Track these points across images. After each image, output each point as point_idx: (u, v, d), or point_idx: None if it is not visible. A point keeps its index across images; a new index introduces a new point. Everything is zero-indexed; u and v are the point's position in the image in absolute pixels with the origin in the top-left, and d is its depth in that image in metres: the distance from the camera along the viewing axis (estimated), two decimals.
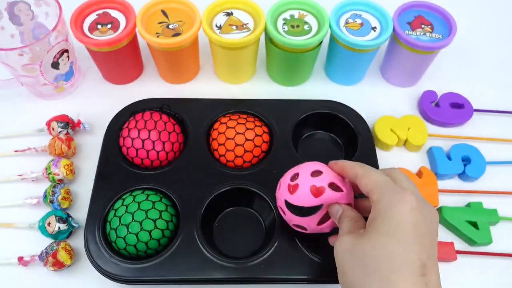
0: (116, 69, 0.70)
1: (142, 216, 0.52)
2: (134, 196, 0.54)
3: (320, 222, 0.49)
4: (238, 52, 0.66)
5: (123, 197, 0.55)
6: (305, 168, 0.50)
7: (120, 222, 0.52)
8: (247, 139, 0.59)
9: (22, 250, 0.57)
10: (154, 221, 0.52)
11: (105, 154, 0.60)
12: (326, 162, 0.61)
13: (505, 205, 0.63)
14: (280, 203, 0.50)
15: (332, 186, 0.48)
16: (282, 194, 0.50)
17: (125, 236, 0.52)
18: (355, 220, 0.45)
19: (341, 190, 0.48)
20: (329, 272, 0.51)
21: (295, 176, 0.49)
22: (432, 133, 0.68)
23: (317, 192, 0.47)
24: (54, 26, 0.61)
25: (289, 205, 0.49)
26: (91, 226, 0.54)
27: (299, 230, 0.51)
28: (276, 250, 0.53)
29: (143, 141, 0.58)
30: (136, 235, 0.51)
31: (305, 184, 0.48)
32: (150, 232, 0.52)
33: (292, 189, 0.49)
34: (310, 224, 0.49)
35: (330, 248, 0.47)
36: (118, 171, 0.58)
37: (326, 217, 0.49)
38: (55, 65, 0.65)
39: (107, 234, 0.53)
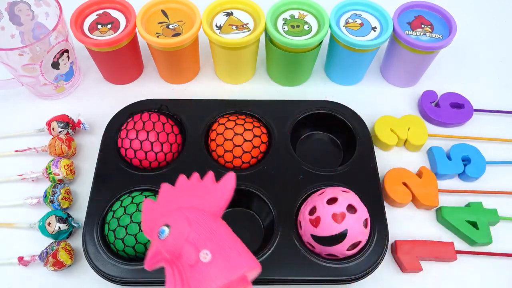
0: (116, 69, 0.70)
1: (140, 217, 0.52)
2: (133, 198, 0.54)
3: (350, 248, 0.51)
4: (238, 52, 0.66)
5: (122, 198, 0.55)
6: (319, 199, 0.52)
7: (118, 223, 0.52)
8: (245, 140, 0.59)
9: (22, 250, 0.58)
10: None
11: (103, 155, 0.60)
12: (325, 163, 0.62)
13: (505, 205, 0.63)
14: (307, 239, 0.53)
15: (350, 208, 0.51)
16: (306, 230, 0.52)
17: (124, 237, 0.52)
18: None
19: (356, 210, 0.51)
20: (328, 272, 0.52)
21: (313, 210, 0.52)
22: (432, 133, 0.68)
23: (339, 218, 0.50)
24: (54, 26, 0.61)
25: (316, 238, 0.52)
26: (90, 228, 0.54)
27: (332, 258, 0.53)
28: (274, 251, 0.53)
29: (141, 142, 0.58)
30: (135, 237, 0.51)
31: (326, 214, 0.50)
32: None
33: (315, 222, 0.51)
34: (341, 251, 0.51)
35: None
36: (116, 172, 0.58)
37: (354, 242, 0.51)
38: (55, 65, 0.65)
39: (106, 236, 0.54)
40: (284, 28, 0.65)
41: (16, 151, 0.64)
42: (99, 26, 0.65)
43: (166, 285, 0.39)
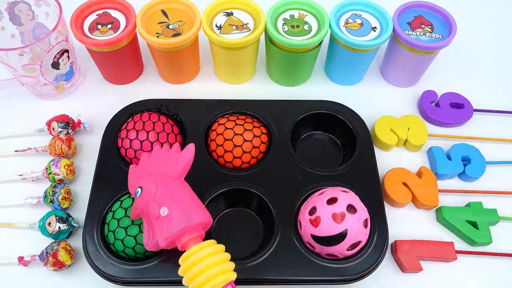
0: (116, 69, 0.70)
1: (141, 219, 0.52)
2: (133, 199, 0.54)
3: (350, 248, 0.51)
4: (238, 52, 0.66)
5: (122, 199, 0.55)
6: (319, 199, 0.52)
7: (118, 224, 0.52)
8: (245, 140, 0.59)
9: (22, 250, 0.58)
10: None
11: (103, 155, 0.60)
12: (325, 163, 0.62)
13: (505, 205, 0.63)
14: (307, 239, 0.53)
15: (350, 208, 0.51)
16: (307, 230, 0.52)
17: (123, 238, 0.51)
18: None
19: (356, 210, 0.51)
20: (327, 272, 0.52)
21: (313, 210, 0.52)
22: (432, 133, 0.68)
23: (339, 218, 0.50)
24: (54, 26, 0.61)
25: (316, 238, 0.52)
26: (90, 228, 0.54)
27: (332, 258, 0.53)
28: (274, 251, 0.53)
29: (141, 142, 0.58)
30: (135, 238, 0.51)
31: (326, 214, 0.51)
32: None
33: (315, 222, 0.51)
34: (341, 251, 0.51)
35: None
36: (116, 172, 0.58)
37: (354, 242, 0.51)
38: (55, 65, 0.65)
39: (106, 236, 0.53)
40: (284, 28, 0.65)
41: (16, 151, 0.64)
42: (99, 26, 0.65)
43: (143, 234, 0.49)
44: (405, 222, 0.61)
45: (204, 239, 0.54)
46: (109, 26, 0.65)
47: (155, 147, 0.53)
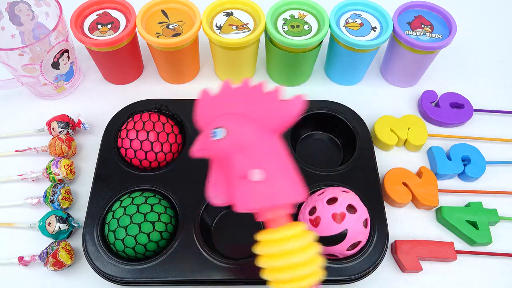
0: (116, 69, 0.70)
1: (140, 219, 0.52)
2: (133, 198, 0.54)
3: (350, 248, 0.51)
4: (238, 52, 0.66)
5: (121, 198, 0.55)
6: (319, 199, 0.52)
7: (118, 224, 0.52)
8: None
9: (22, 250, 0.58)
10: (153, 223, 0.52)
11: (103, 155, 0.60)
12: (325, 163, 0.62)
13: (505, 205, 0.63)
14: None
15: (350, 208, 0.51)
16: None
17: (124, 238, 0.51)
18: None
19: (356, 210, 0.51)
20: (327, 272, 0.51)
21: (313, 210, 0.52)
22: (432, 133, 0.68)
23: (338, 218, 0.50)
24: (54, 26, 0.61)
25: (316, 238, 0.51)
26: (90, 228, 0.54)
27: (332, 258, 0.53)
28: None
29: (141, 142, 0.57)
30: (135, 238, 0.51)
31: (326, 214, 0.50)
32: (148, 234, 0.52)
33: (315, 222, 0.51)
34: (341, 251, 0.51)
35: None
36: (116, 172, 0.58)
37: (354, 242, 0.51)
38: (55, 65, 0.65)
39: (106, 236, 0.53)
40: (284, 28, 0.65)
41: (16, 151, 0.64)
42: (99, 26, 0.65)
43: (209, 183, 0.38)
44: (405, 222, 0.61)
45: (204, 239, 0.54)
46: (109, 26, 0.65)
47: (244, 81, 0.40)
